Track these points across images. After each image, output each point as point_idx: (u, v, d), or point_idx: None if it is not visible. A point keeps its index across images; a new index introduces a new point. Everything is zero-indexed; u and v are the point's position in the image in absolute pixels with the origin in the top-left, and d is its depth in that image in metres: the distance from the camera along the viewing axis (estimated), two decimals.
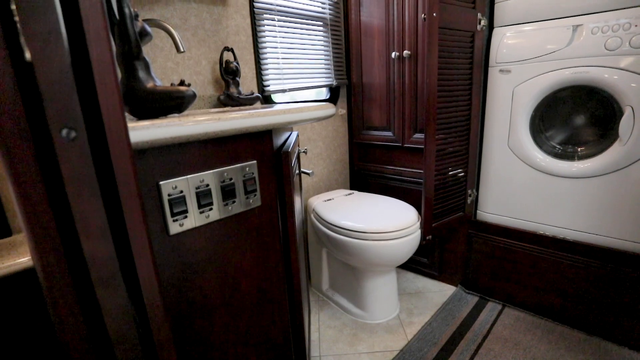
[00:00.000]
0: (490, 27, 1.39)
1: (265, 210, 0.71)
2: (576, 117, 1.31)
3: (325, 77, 1.67)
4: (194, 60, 1.23)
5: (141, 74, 0.55)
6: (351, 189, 1.94)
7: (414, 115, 1.57)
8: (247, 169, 0.66)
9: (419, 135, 1.57)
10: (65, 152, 0.36)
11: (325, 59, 1.66)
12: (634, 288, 1.16)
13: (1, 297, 0.77)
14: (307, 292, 1.47)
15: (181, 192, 0.57)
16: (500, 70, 1.35)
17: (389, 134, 1.68)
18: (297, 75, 1.54)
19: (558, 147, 1.35)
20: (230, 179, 0.63)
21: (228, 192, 0.63)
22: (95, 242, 0.39)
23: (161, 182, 0.55)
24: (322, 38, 1.64)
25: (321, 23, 1.62)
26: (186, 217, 0.58)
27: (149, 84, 0.55)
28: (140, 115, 0.56)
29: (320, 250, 1.61)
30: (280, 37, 1.46)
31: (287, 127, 0.92)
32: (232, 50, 1.28)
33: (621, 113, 1.13)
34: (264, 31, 1.41)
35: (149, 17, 1.07)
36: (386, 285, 1.44)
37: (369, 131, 1.76)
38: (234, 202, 0.65)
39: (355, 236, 1.29)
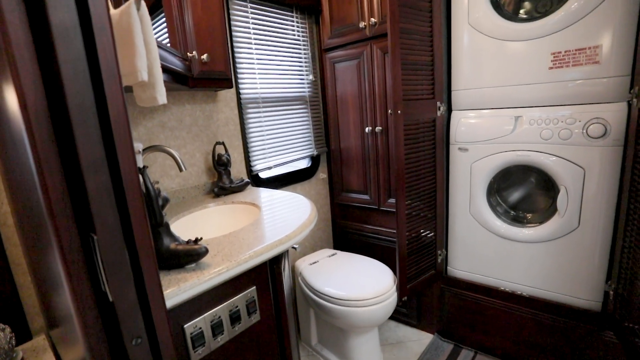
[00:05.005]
0: (449, 109, 1.60)
1: (264, 322, 0.86)
2: (525, 184, 1.53)
3: (307, 148, 1.84)
4: (189, 155, 1.38)
5: (165, 237, 0.70)
6: (334, 246, 2.10)
7: (388, 182, 1.76)
8: (249, 294, 0.81)
9: (393, 200, 1.75)
10: (134, 355, 0.50)
11: (306, 132, 1.84)
12: (578, 337, 1.36)
13: None
14: (297, 349, 1.60)
15: (200, 328, 0.71)
16: (459, 149, 1.56)
17: (366, 197, 1.86)
18: (281, 150, 1.71)
19: (511, 211, 1.56)
20: (236, 307, 0.78)
21: (235, 318, 0.77)
22: None
23: (185, 325, 0.69)
24: (302, 114, 1.82)
25: (301, 101, 1.81)
26: (203, 346, 0.72)
27: (172, 245, 0.70)
28: (164, 267, 0.70)
29: (308, 307, 1.74)
30: (265, 120, 1.63)
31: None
32: (223, 143, 1.44)
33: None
34: (250, 119, 1.57)
35: (154, 144, 1.22)
36: (369, 342, 1.59)
37: (348, 193, 1.94)
38: (239, 323, 0.79)
39: (338, 303, 1.44)
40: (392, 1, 1.27)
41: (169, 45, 1.11)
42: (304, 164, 1.94)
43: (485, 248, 1.57)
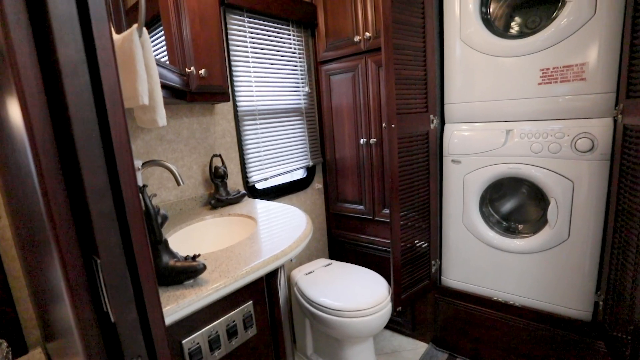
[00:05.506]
0: (443, 121, 1.64)
1: (260, 336, 0.87)
2: (517, 194, 1.56)
3: (302, 159, 1.87)
4: (186, 167, 1.40)
5: (164, 255, 0.72)
6: (330, 256, 2.12)
7: (382, 193, 1.78)
8: (246, 309, 0.82)
9: (387, 211, 1.77)
10: None
11: (301, 143, 1.86)
12: (570, 347, 1.38)
13: None
14: (293, 358, 1.61)
15: (198, 344, 0.72)
16: (452, 161, 1.59)
17: (361, 207, 1.88)
18: (278, 161, 1.73)
19: (504, 222, 1.59)
20: (233, 321, 0.79)
21: (232, 333, 0.79)
22: None
23: (183, 341, 0.70)
24: (298, 125, 1.84)
25: (297, 113, 1.83)
26: None
27: (170, 262, 0.72)
28: (163, 284, 0.72)
29: (304, 317, 1.76)
30: (261, 132, 1.66)
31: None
32: (220, 155, 1.46)
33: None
34: (246, 130, 1.59)
35: (152, 158, 1.23)
36: (364, 352, 1.60)
37: (344, 204, 1.96)
38: (236, 337, 0.81)
39: (333, 314, 1.46)
40: (385, 18, 1.31)
41: (167, 62, 1.13)
42: (300, 174, 1.97)
43: (478, 258, 1.60)
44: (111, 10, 0.78)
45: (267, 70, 1.68)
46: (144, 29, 0.61)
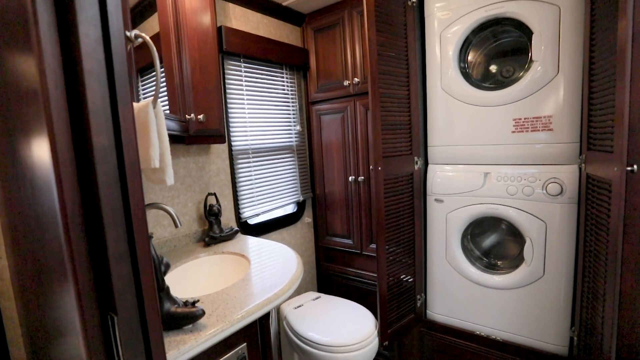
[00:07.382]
0: (426, 162, 1.74)
1: None
2: (497, 231, 1.66)
3: (293, 194, 1.94)
4: (182, 205, 1.45)
5: (166, 301, 0.77)
6: (318, 288, 2.16)
7: (370, 228, 1.86)
8: (240, 351, 0.87)
9: (374, 246, 1.84)
10: None
11: (292, 179, 1.94)
12: None
13: None
14: None
15: None
16: (435, 199, 1.68)
17: (349, 241, 1.95)
18: (269, 197, 1.80)
19: (484, 258, 1.67)
20: None
21: None
22: None
23: None
24: (289, 162, 1.93)
25: (289, 151, 1.92)
26: None
27: (172, 309, 0.76)
28: (164, 328, 0.76)
29: (292, 352, 1.77)
30: (254, 169, 1.73)
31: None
32: (214, 194, 1.52)
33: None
34: (240, 168, 1.67)
35: (151, 201, 1.29)
36: None
37: (332, 237, 2.03)
38: None
39: (321, 349, 1.49)
40: (372, 71, 1.42)
41: (168, 111, 1.20)
42: (290, 209, 2.03)
43: (461, 293, 1.66)
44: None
45: (261, 110, 1.78)
46: (158, 101, 0.68)
